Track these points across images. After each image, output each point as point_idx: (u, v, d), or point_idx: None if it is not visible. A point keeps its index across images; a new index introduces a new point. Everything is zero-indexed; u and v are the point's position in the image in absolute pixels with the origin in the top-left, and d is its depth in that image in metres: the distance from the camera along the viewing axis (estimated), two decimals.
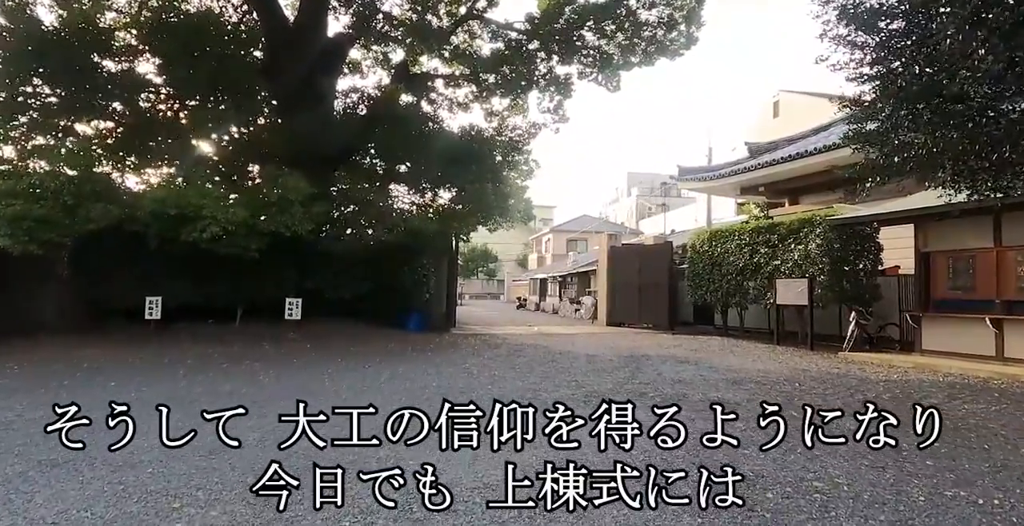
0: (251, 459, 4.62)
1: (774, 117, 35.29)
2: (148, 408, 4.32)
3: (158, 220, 11.33)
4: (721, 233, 16.82)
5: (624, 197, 66.61)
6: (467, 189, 14.70)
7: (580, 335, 16.95)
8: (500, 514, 3.60)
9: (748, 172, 18.76)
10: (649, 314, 19.49)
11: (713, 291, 16.83)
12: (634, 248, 21.84)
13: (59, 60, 13.42)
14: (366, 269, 14.53)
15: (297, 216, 11.98)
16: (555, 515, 3.55)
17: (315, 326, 14.45)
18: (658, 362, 10.96)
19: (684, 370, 9.89)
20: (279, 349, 12.11)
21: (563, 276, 35.64)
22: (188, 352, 11.37)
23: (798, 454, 4.88)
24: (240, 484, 4.07)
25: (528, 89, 17.88)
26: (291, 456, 4.21)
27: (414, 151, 15.44)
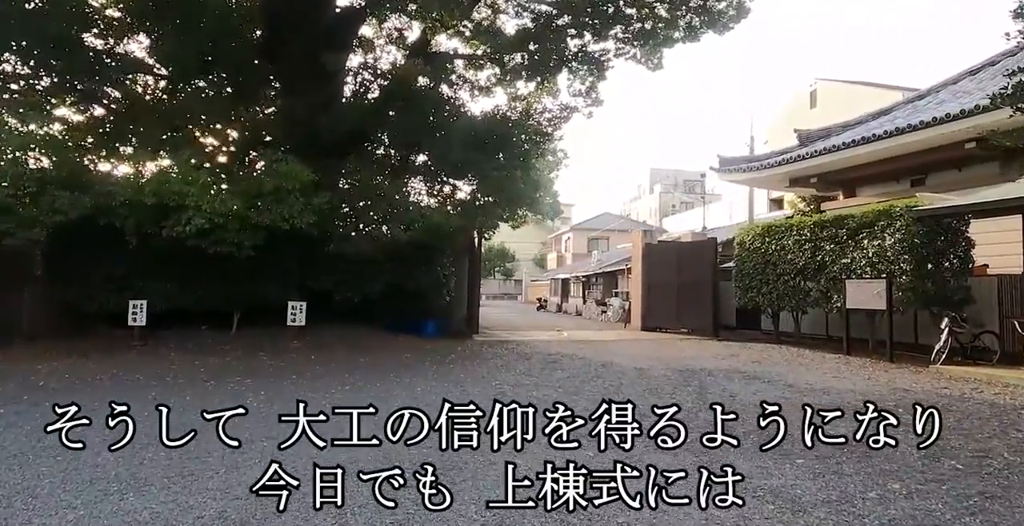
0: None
1: (811, 107, 33.55)
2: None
3: (136, 211, 9.77)
4: (776, 228, 15.01)
5: (646, 194, 64.68)
6: (492, 178, 12.98)
7: (616, 342, 15.22)
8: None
9: (802, 161, 16.89)
10: (689, 317, 17.71)
11: (765, 293, 15.03)
12: (672, 245, 20.04)
13: (38, 35, 11.94)
14: (378, 269, 12.91)
15: (296, 207, 10.38)
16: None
17: (321, 332, 12.85)
18: (722, 379, 9.23)
19: (760, 390, 8.17)
20: (278, 361, 10.51)
21: (587, 276, 33.91)
22: (171, 365, 9.79)
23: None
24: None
25: (557, 70, 16.13)
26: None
27: (432, 137, 13.77)
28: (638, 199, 66.95)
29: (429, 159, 14.73)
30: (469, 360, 11.18)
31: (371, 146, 15.03)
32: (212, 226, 9.70)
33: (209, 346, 11.61)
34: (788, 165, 17.70)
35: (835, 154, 16.06)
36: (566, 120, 16.53)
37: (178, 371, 9.28)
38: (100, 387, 7.87)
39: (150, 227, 9.94)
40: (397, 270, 13.12)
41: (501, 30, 16.08)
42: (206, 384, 8.10)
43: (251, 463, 4.60)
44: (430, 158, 14.47)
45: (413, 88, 14.18)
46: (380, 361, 10.69)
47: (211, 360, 10.36)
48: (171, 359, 10.34)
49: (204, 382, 8.27)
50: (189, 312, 12.32)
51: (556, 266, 50.13)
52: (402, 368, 9.98)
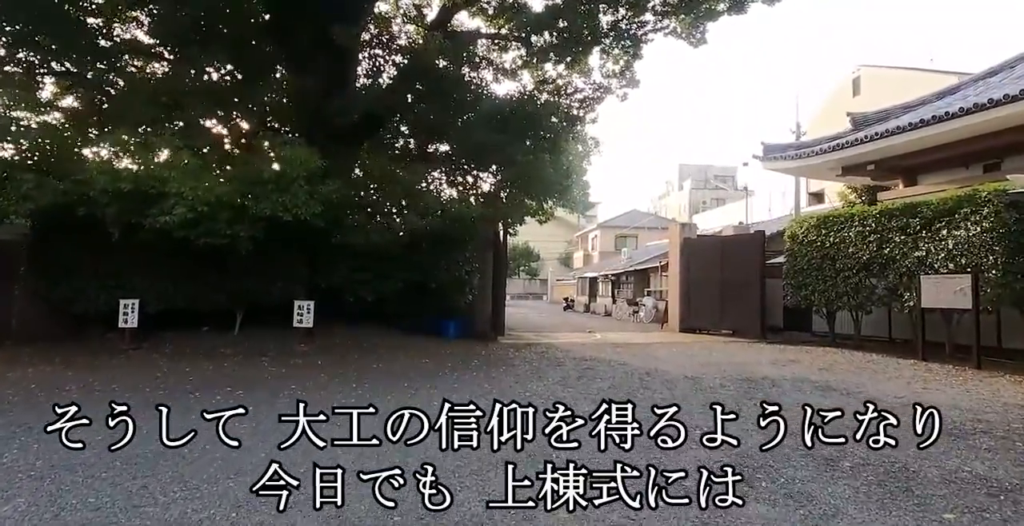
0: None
1: (854, 96, 31.89)
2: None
3: (118, 200, 8.66)
4: (834, 219, 13.54)
5: (675, 191, 62.87)
6: (518, 164, 11.65)
7: (656, 345, 13.84)
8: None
9: (858, 145, 15.32)
10: (733, 318, 16.27)
11: (822, 291, 13.57)
12: (714, 240, 18.55)
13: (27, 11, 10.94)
14: (394, 265, 11.72)
15: (300, 197, 9.20)
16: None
17: (332, 334, 11.71)
18: (790, 389, 7.86)
19: (840, 404, 6.78)
20: (279, 367, 9.35)
21: (616, 274, 32.48)
22: (158, 373, 8.66)
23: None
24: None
25: (589, 49, 14.75)
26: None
27: (453, 121, 12.56)
28: (666, 196, 65.07)
29: (450, 146, 13.50)
30: (494, 366, 9.91)
31: (388, 132, 13.81)
32: (199, 216, 8.56)
33: (208, 349, 10.52)
34: (842, 151, 16.15)
35: (898, 137, 14.47)
36: (599, 101, 15.16)
37: (163, 380, 8.14)
38: (63, 399, 6.75)
39: (133, 217, 8.84)
40: (415, 266, 11.91)
41: (527, 6, 14.74)
42: (189, 397, 6.93)
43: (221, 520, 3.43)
44: (451, 144, 13.24)
45: (433, 69, 12.97)
46: (395, 367, 9.48)
47: (205, 366, 9.23)
48: (161, 365, 9.23)
49: (188, 394, 7.11)
50: (190, 312, 11.25)
51: (583, 265, 48.69)
52: (420, 376, 8.74)
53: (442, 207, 10.73)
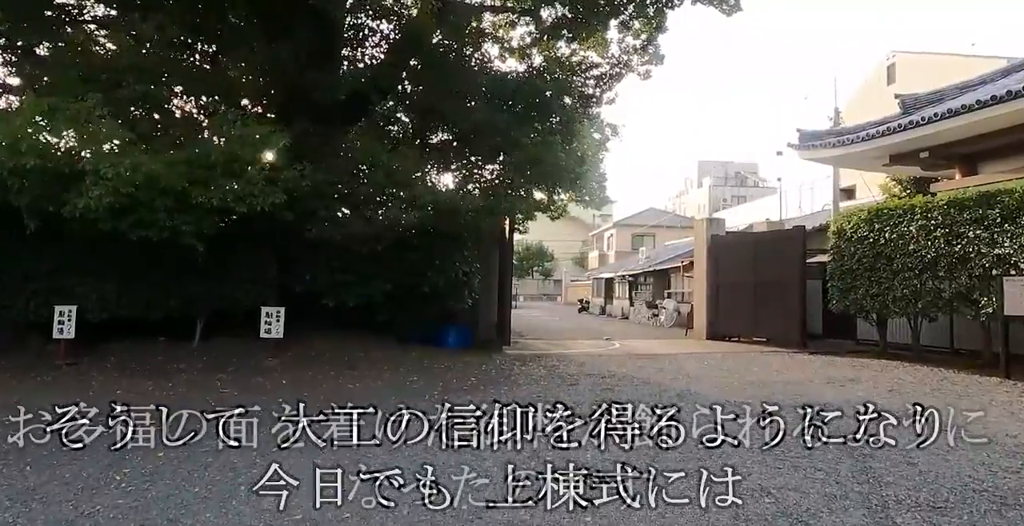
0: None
1: (888, 84, 29.98)
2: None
3: (32, 181, 7.07)
4: (890, 212, 11.77)
5: (693, 188, 60.83)
6: (526, 148, 9.95)
7: (683, 356, 12.10)
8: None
9: (913, 129, 13.45)
10: (769, 324, 14.48)
11: (875, 294, 11.78)
12: (746, 238, 16.76)
13: None
14: (381, 265, 10.10)
15: (257, 183, 7.60)
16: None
17: (309, 346, 10.11)
18: (873, 428, 6.11)
19: (947, 454, 5.08)
20: (236, 387, 7.76)
21: (634, 275, 30.69)
22: (87, 394, 7.10)
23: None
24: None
25: (606, 22, 13.07)
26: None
27: (453, 102, 10.90)
28: (684, 193, 63.05)
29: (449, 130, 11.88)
30: (496, 386, 8.24)
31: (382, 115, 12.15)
32: (131, 202, 6.97)
33: (159, 365, 8.94)
34: (891, 136, 14.27)
35: (960, 118, 12.58)
36: (617, 79, 13.44)
37: (86, 407, 6.56)
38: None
39: (51, 204, 7.27)
40: (406, 267, 10.27)
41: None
42: (86, 434, 5.34)
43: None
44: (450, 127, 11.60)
45: (429, 44, 11.36)
46: (373, 389, 7.84)
47: (147, 387, 7.66)
48: (92, 385, 7.68)
49: (85, 431, 5.51)
50: (143, 321, 9.67)
51: (598, 265, 46.89)
52: (402, 401, 7.09)
53: (435, 198, 9.07)
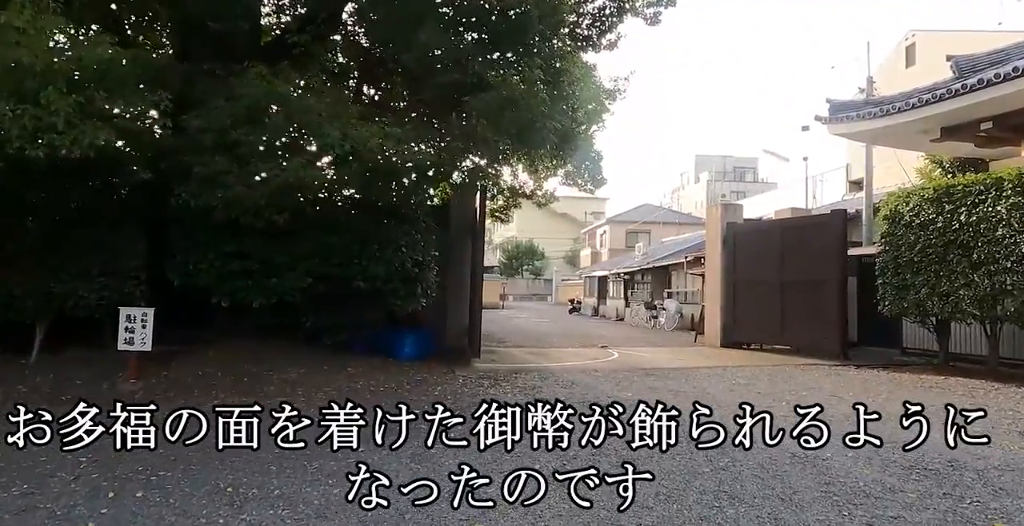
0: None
1: (907, 66, 27.72)
2: None
3: None
4: (966, 188, 9.24)
5: (690, 183, 58.30)
6: (496, 88, 7.17)
7: (701, 373, 9.50)
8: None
9: (977, 90, 10.87)
10: (799, 330, 11.92)
11: (945, 293, 9.24)
12: (771, 226, 14.12)
13: None
14: (294, 250, 7.41)
15: (60, 112, 4.92)
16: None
17: (197, 361, 7.45)
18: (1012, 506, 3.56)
19: None
20: None
21: (630, 273, 28.13)
22: None
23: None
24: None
25: None
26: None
27: (405, 34, 8.16)
28: (681, 189, 60.41)
29: (395, 71, 9.20)
30: (442, 432, 5.59)
31: (312, 55, 9.38)
32: None
33: None
34: (947, 102, 11.60)
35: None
36: (619, 18, 10.73)
37: None
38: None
39: None
40: (330, 252, 7.59)
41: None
42: None
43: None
44: (396, 66, 8.90)
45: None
46: (249, 450, 5.17)
47: None
48: None
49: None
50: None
51: (590, 263, 44.25)
52: (277, 474, 4.46)
53: (355, 147, 6.31)
